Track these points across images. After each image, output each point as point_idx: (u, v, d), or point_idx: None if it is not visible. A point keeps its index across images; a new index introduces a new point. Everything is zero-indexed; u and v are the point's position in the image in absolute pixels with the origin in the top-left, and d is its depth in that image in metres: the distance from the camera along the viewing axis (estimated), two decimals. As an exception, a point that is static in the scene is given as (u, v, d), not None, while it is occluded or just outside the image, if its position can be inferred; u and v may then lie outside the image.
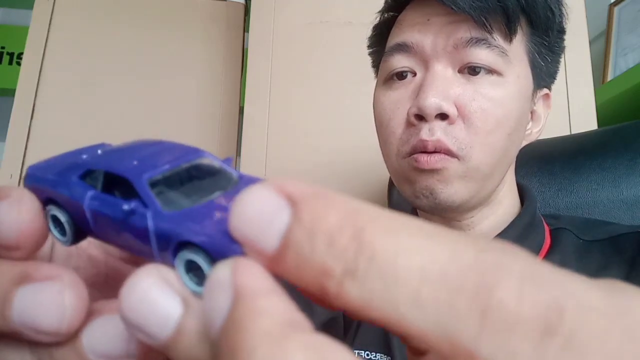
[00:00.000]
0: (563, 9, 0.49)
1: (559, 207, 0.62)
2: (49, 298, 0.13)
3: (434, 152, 0.44)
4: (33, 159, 1.14)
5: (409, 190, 0.47)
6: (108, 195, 0.14)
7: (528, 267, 0.10)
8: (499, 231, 0.49)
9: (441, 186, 0.44)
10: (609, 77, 1.12)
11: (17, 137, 1.14)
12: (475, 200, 0.47)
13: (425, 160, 0.44)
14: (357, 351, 0.50)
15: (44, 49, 1.20)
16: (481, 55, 0.44)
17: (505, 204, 0.51)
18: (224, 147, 1.22)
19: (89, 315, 0.14)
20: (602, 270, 0.46)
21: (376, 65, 0.55)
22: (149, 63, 1.24)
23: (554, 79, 0.52)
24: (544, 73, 0.49)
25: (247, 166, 0.94)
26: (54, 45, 1.21)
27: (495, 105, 0.44)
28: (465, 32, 0.44)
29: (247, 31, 1.19)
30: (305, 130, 0.96)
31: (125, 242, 0.14)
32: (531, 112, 0.50)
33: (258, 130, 0.96)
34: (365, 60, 0.58)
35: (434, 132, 0.43)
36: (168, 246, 0.13)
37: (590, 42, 0.96)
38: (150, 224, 0.13)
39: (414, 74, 0.47)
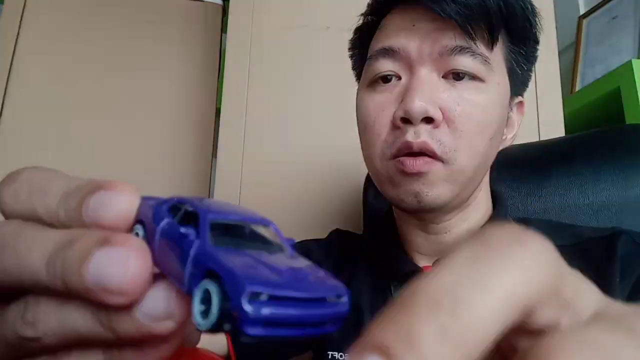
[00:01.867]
0: (538, 20, 0.50)
1: (528, 211, 0.64)
2: (120, 261, 0.15)
3: (419, 154, 0.44)
4: (1, 159, 1.10)
5: (392, 192, 0.47)
6: (180, 224, 0.16)
7: None
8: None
9: (426, 189, 0.45)
10: (577, 87, 1.16)
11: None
12: (457, 202, 0.48)
13: (411, 164, 0.44)
14: (330, 353, 0.50)
15: (14, 49, 1.17)
16: (465, 62, 0.45)
17: (480, 208, 0.52)
18: (199, 149, 1.21)
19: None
20: None
21: (357, 67, 0.56)
22: (124, 63, 1.22)
23: (527, 87, 0.54)
24: (519, 81, 0.51)
25: (223, 169, 0.94)
26: (25, 46, 1.18)
27: (478, 111, 0.45)
28: (450, 39, 0.45)
29: (225, 32, 1.19)
30: (282, 132, 0.96)
31: (168, 264, 0.16)
32: (507, 119, 0.51)
33: (235, 132, 0.95)
34: (343, 64, 0.58)
35: (420, 135, 0.44)
36: (197, 273, 0.14)
37: (560, 53, 0.99)
38: (193, 249, 0.15)
39: (399, 78, 0.47)
